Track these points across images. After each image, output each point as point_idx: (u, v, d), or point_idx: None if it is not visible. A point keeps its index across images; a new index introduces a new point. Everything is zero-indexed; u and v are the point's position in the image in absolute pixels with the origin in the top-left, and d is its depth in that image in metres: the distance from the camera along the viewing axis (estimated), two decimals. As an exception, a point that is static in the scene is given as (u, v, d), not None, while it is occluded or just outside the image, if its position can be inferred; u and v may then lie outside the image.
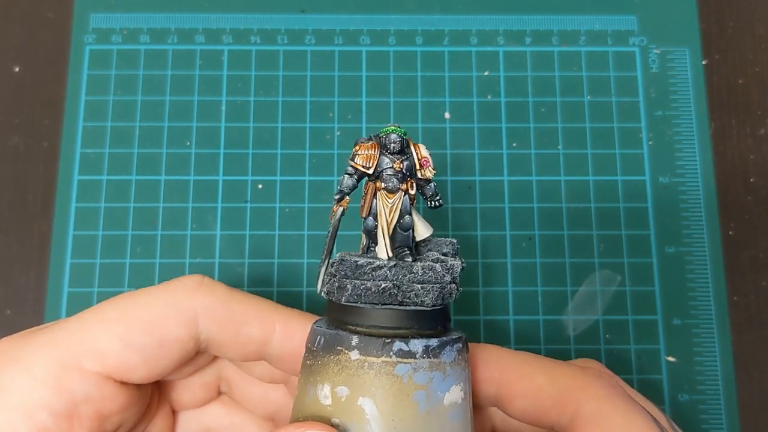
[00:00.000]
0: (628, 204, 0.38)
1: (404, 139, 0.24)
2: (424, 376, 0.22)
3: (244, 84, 0.40)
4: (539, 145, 0.39)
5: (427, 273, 0.23)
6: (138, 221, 0.37)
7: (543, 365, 0.25)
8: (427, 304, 0.23)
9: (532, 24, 0.41)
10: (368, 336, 0.22)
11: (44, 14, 0.41)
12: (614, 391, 0.24)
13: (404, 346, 0.22)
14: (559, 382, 0.24)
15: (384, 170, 0.24)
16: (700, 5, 0.41)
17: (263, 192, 0.38)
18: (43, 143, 0.39)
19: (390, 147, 0.24)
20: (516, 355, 0.26)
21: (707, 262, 0.38)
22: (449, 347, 0.22)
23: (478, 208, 0.38)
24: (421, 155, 0.24)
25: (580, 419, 0.24)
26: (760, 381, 0.36)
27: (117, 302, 0.25)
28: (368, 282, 0.23)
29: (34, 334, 0.25)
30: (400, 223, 0.24)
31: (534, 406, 0.25)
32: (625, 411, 0.23)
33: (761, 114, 0.40)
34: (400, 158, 0.24)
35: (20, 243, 0.37)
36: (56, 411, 0.23)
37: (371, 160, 0.24)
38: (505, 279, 0.37)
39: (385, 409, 0.22)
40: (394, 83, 0.40)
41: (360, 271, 0.23)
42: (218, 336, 0.26)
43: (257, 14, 0.41)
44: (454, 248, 0.25)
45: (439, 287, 0.23)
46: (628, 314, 0.37)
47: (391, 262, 0.23)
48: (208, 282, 0.26)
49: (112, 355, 0.24)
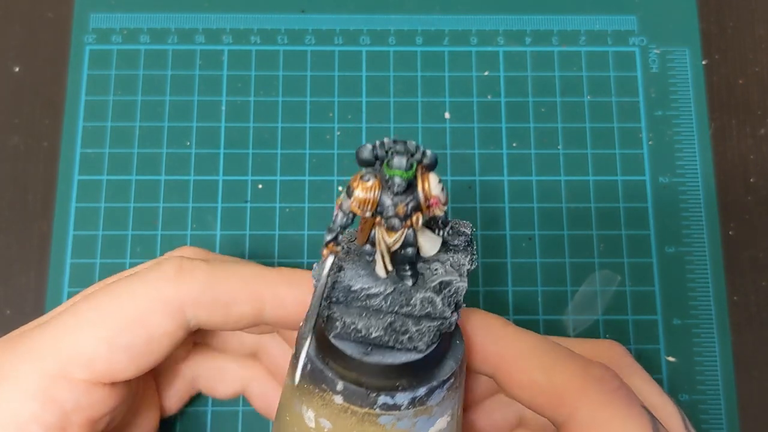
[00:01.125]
0: (628, 204, 0.38)
1: (410, 180, 0.19)
2: (407, 423, 0.21)
3: (244, 84, 0.40)
4: (539, 145, 0.39)
5: (425, 307, 0.20)
6: (138, 221, 0.37)
7: (545, 358, 0.24)
8: (420, 349, 0.21)
9: (532, 24, 0.41)
10: (354, 384, 0.21)
11: (44, 14, 0.41)
12: (614, 396, 0.23)
13: (389, 400, 0.21)
14: (557, 380, 0.23)
15: (385, 209, 0.20)
16: (700, 5, 0.41)
17: (263, 192, 0.38)
18: (43, 143, 0.39)
19: (393, 189, 0.19)
20: (520, 338, 0.25)
21: (707, 262, 0.38)
22: (438, 390, 0.21)
23: (478, 208, 0.38)
24: (430, 194, 0.20)
25: (574, 422, 0.23)
26: (760, 381, 0.36)
27: (95, 302, 0.24)
28: (359, 322, 0.20)
29: (15, 344, 0.24)
30: (402, 253, 0.21)
31: (529, 399, 0.24)
32: (621, 417, 0.22)
33: (761, 114, 0.40)
34: (404, 200, 0.19)
35: (20, 243, 0.37)
36: (48, 424, 0.23)
37: (369, 204, 0.20)
38: (505, 279, 0.37)
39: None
40: (394, 83, 0.40)
41: (353, 296, 0.21)
42: (208, 319, 0.25)
43: (257, 14, 0.41)
44: (467, 239, 0.22)
45: (437, 325, 0.21)
46: (628, 314, 0.37)
47: (388, 287, 0.21)
48: (187, 266, 0.25)
49: (99, 360, 0.23)
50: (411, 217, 0.20)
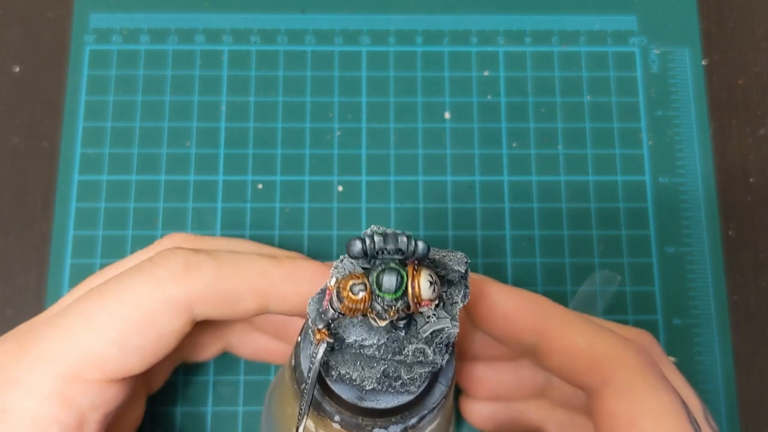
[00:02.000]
0: (628, 204, 0.38)
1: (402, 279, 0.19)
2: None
3: (244, 84, 0.40)
4: (539, 145, 0.39)
5: (417, 357, 0.20)
6: (138, 221, 0.37)
7: (586, 327, 0.25)
8: (412, 392, 0.21)
9: (532, 24, 0.41)
10: (350, 418, 0.22)
11: (44, 14, 0.41)
12: (650, 369, 0.24)
13: (383, 431, 0.22)
14: (598, 347, 0.25)
15: (376, 311, 0.19)
16: (700, 5, 0.41)
17: (263, 192, 0.38)
18: (43, 143, 0.39)
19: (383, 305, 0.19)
20: (560, 310, 0.26)
21: (707, 262, 0.38)
22: (429, 415, 0.22)
23: (478, 208, 0.38)
24: (420, 298, 0.19)
25: (610, 387, 0.24)
26: (760, 381, 0.36)
27: (103, 302, 0.24)
28: (354, 373, 0.21)
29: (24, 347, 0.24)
30: None
31: (569, 364, 0.25)
32: (655, 389, 0.23)
33: (761, 114, 0.40)
34: (394, 305, 0.19)
35: (20, 243, 0.37)
36: (66, 424, 0.23)
37: (359, 312, 0.19)
38: (505, 279, 0.37)
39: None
40: (394, 83, 0.40)
41: (347, 345, 0.21)
42: (214, 314, 0.25)
43: (257, 14, 0.41)
44: (460, 275, 0.21)
45: (428, 370, 0.21)
46: (628, 314, 0.37)
47: (381, 339, 0.20)
48: (193, 263, 0.25)
49: (110, 362, 0.24)
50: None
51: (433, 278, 0.20)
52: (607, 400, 0.24)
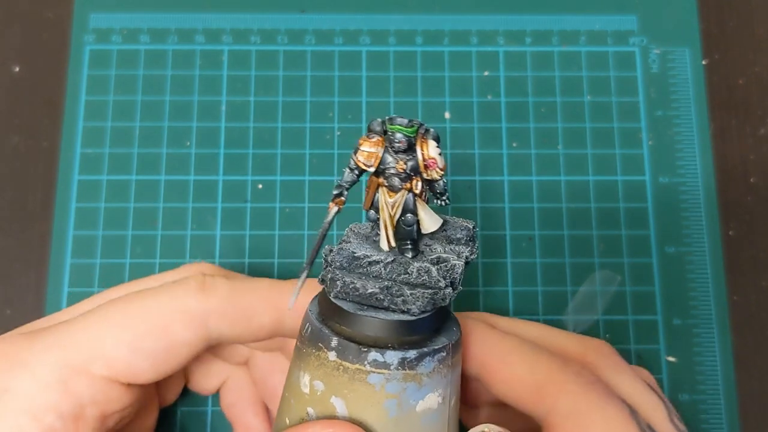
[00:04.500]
0: (628, 204, 0.38)
1: (411, 139, 0.22)
2: (396, 386, 0.22)
3: (244, 84, 0.40)
4: (539, 145, 0.39)
5: (421, 276, 0.22)
6: (138, 221, 0.37)
7: (527, 355, 0.26)
8: (413, 312, 0.22)
9: (532, 24, 0.41)
10: (347, 340, 0.22)
11: (44, 14, 0.41)
12: (592, 387, 0.24)
13: (379, 357, 0.22)
14: (538, 375, 0.25)
15: (387, 168, 0.22)
16: (700, 5, 0.41)
17: (263, 192, 0.38)
18: (43, 143, 0.39)
19: (394, 146, 0.22)
20: (504, 339, 0.26)
21: (707, 262, 0.38)
22: (428, 358, 0.22)
23: (478, 208, 0.38)
24: (428, 155, 0.22)
25: (556, 414, 0.24)
26: (760, 381, 0.36)
27: (123, 306, 0.25)
28: (358, 281, 0.22)
29: (39, 335, 0.25)
30: (402, 220, 0.23)
31: (512, 393, 0.25)
32: (599, 407, 0.24)
33: (761, 114, 0.40)
34: (404, 158, 0.22)
35: (20, 243, 0.37)
36: (63, 413, 0.24)
37: (373, 158, 0.22)
38: (505, 279, 0.37)
39: (355, 411, 0.22)
40: (394, 83, 0.40)
41: (356, 263, 0.23)
42: (230, 332, 0.26)
43: (257, 14, 0.41)
44: (469, 233, 0.24)
45: (431, 293, 0.22)
46: (628, 314, 0.37)
47: (389, 257, 0.22)
48: (210, 281, 0.26)
49: (119, 361, 0.25)
50: (411, 180, 0.22)
51: (439, 146, 0.22)
52: (555, 428, 0.24)
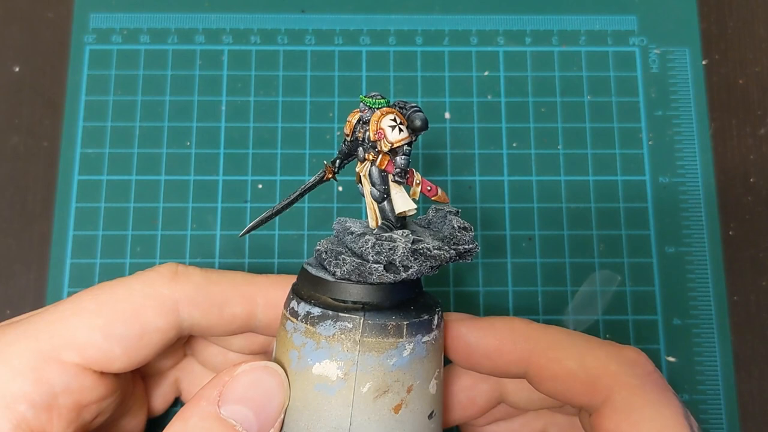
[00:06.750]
0: (628, 204, 0.38)
1: (373, 110, 0.23)
2: (299, 339, 0.23)
3: (244, 84, 0.40)
4: (539, 145, 0.39)
5: (362, 246, 0.23)
6: (138, 221, 0.37)
7: (575, 347, 0.25)
8: (334, 274, 0.23)
9: (532, 24, 0.41)
10: (290, 291, 0.24)
11: (44, 14, 0.41)
12: (647, 380, 0.24)
13: (295, 305, 0.23)
14: (591, 367, 0.24)
15: (356, 138, 0.24)
16: (700, 5, 0.41)
17: (263, 192, 0.38)
18: (43, 143, 0.39)
19: (360, 114, 0.24)
20: (546, 332, 0.26)
21: (707, 262, 0.38)
22: (330, 321, 0.23)
23: (478, 208, 0.38)
24: (377, 127, 0.23)
25: (610, 407, 0.23)
26: (760, 381, 0.36)
27: (94, 293, 0.25)
28: (325, 244, 0.24)
29: (11, 326, 0.25)
30: (370, 191, 0.24)
31: (563, 388, 0.25)
32: (656, 404, 0.23)
33: (761, 114, 0.40)
34: (366, 129, 0.23)
35: (20, 243, 0.37)
36: (35, 402, 0.23)
37: (348, 127, 0.24)
38: (505, 279, 0.37)
39: (277, 353, 0.24)
40: (394, 83, 0.40)
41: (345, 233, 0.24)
42: (202, 320, 0.26)
43: (257, 14, 0.41)
44: (453, 232, 0.25)
45: (357, 263, 0.23)
46: (628, 314, 0.37)
47: (367, 231, 0.24)
48: (183, 269, 0.26)
49: (91, 347, 0.24)
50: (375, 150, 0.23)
51: (397, 121, 0.23)
52: (608, 420, 0.23)
